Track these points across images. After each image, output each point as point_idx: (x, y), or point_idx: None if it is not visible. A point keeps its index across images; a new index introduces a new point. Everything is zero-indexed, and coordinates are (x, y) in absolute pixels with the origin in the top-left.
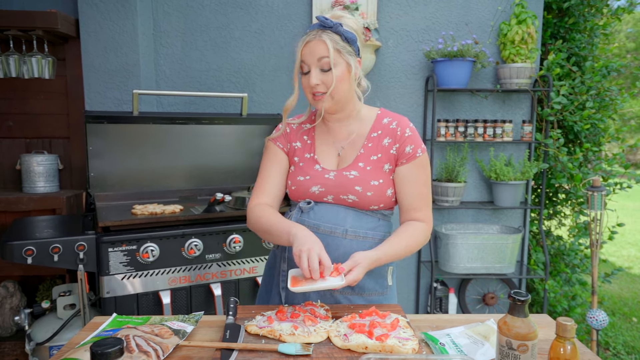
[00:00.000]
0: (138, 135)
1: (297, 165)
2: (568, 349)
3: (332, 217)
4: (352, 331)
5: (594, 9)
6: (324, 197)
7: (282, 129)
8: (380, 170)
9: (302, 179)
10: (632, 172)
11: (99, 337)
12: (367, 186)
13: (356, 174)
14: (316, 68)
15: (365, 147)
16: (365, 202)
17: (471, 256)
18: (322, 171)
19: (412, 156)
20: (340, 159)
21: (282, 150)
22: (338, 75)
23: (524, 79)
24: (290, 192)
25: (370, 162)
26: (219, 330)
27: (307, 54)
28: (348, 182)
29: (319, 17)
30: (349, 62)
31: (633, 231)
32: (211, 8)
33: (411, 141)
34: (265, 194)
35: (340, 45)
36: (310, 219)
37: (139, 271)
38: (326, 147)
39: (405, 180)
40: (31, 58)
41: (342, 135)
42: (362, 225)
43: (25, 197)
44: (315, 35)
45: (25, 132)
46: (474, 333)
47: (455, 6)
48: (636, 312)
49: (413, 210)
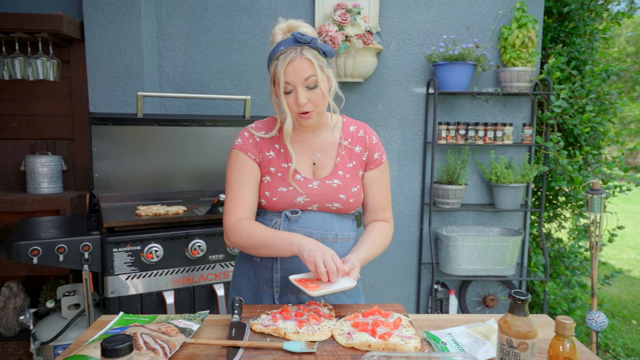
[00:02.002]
0: (142, 137)
1: (275, 175)
2: (567, 347)
3: (321, 223)
4: (356, 330)
5: (594, 13)
6: (309, 207)
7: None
8: (356, 176)
9: (284, 189)
10: (632, 175)
11: (107, 335)
12: (349, 193)
13: (339, 182)
14: (302, 87)
15: (340, 156)
16: (348, 207)
17: (472, 258)
18: (305, 181)
19: (379, 162)
20: (316, 167)
21: (255, 161)
22: (324, 91)
23: (524, 82)
24: (270, 204)
25: (347, 169)
26: (224, 329)
27: (292, 73)
28: (332, 190)
29: (295, 34)
30: (329, 76)
31: (632, 234)
32: (215, 11)
33: (378, 148)
34: (243, 208)
35: (321, 60)
36: (300, 227)
37: (143, 271)
38: (300, 156)
39: (373, 184)
40: (36, 60)
41: (315, 144)
42: (345, 227)
43: (29, 198)
44: (297, 53)
45: (30, 134)
46: (474, 332)
47: (457, 10)
48: (636, 314)
49: (379, 210)
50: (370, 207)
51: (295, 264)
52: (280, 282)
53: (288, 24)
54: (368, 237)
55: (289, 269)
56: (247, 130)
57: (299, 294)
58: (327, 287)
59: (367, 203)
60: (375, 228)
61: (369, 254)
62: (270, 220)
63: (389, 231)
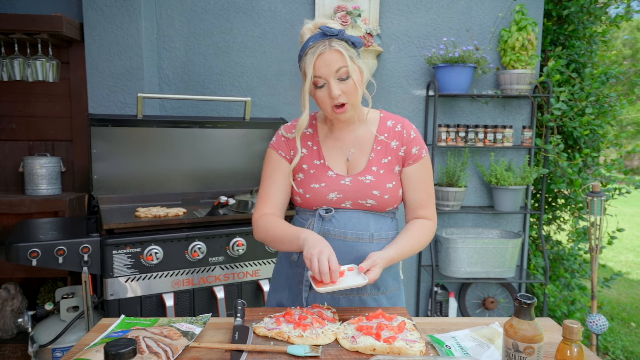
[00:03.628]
0: (142, 139)
1: (307, 172)
2: (575, 352)
3: (356, 223)
4: (360, 333)
5: (593, 16)
6: (342, 203)
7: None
8: (392, 172)
9: (317, 186)
10: (631, 177)
11: (109, 339)
12: (383, 189)
13: (372, 178)
14: (334, 79)
15: (375, 151)
16: (383, 204)
17: (471, 260)
18: (337, 177)
19: (418, 157)
20: (350, 163)
21: (285, 159)
22: (357, 82)
23: (524, 85)
24: (304, 201)
25: (382, 165)
26: (226, 332)
27: (322, 66)
28: (365, 187)
29: (323, 27)
30: (360, 67)
31: (631, 236)
32: (214, 13)
33: (416, 142)
34: (269, 204)
35: (350, 51)
36: (334, 226)
37: (143, 274)
38: (334, 152)
39: (412, 180)
40: (35, 61)
41: (350, 140)
42: (382, 227)
43: (27, 200)
44: (326, 45)
45: (28, 135)
46: (479, 336)
47: (456, 12)
48: (635, 317)
49: (420, 207)
50: (410, 204)
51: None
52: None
53: (314, 23)
54: (402, 235)
55: None
56: (281, 128)
57: (334, 294)
58: (334, 285)
59: (406, 200)
60: (412, 226)
61: (401, 252)
62: (306, 219)
63: (428, 229)
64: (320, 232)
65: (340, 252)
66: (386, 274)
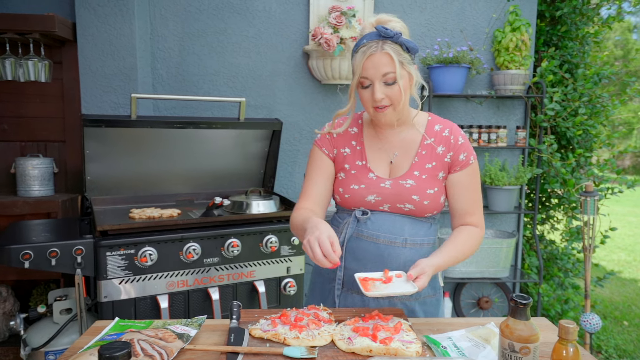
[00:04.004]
0: (135, 139)
1: (349, 172)
2: (570, 352)
3: (390, 226)
4: (356, 334)
5: (586, 17)
6: (380, 206)
7: (327, 128)
8: (435, 178)
9: (356, 187)
10: (623, 177)
11: (103, 341)
12: (423, 195)
13: (412, 182)
14: (380, 82)
15: (419, 155)
16: (422, 210)
17: (466, 260)
18: (377, 180)
19: (466, 163)
20: (393, 166)
21: (328, 157)
22: (403, 88)
23: (518, 85)
24: (343, 200)
25: (425, 170)
26: (222, 334)
27: (370, 67)
28: (405, 191)
29: (378, 27)
30: (410, 72)
31: (622, 235)
32: (209, 13)
33: (464, 149)
34: (307, 200)
35: (403, 56)
36: (368, 229)
37: (137, 275)
38: (377, 154)
39: (458, 187)
40: (27, 61)
41: (395, 142)
42: (418, 232)
43: (20, 201)
44: (377, 47)
45: (21, 136)
46: (474, 336)
47: (451, 13)
48: (627, 315)
49: (466, 215)
50: (456, 211)
51: (361, 263)
52: (343, 280)
53: (378, 18)
54: (450, 242)
55: (352, 268)
56: (326, 125)
57: (364, 295)
58: (384, 289)
59: (453, 207)
60: (460, 233)
61: (448, 259)
62: (342, 219)
63: (476, 236)
64: (354, 234)
65: (372, 254)
66: None
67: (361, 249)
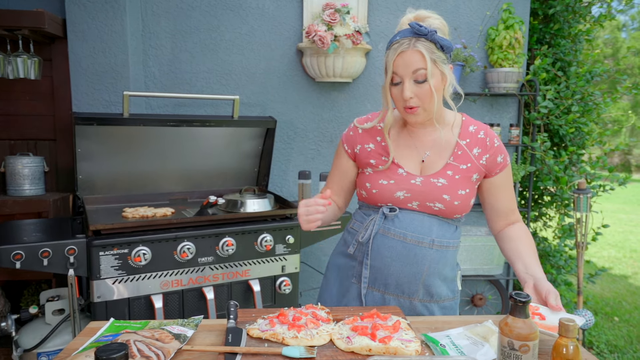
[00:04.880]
0: (128, 138)
1: (376, 168)
2: (570, 349)
3: (418, 226)
4: (355, 333)
5: (578, 15)
6: (409, 203)
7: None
8: (468, 179)
9: (385, 182)
10: (616, 174)
11: (98, 343)
12: (455, 195)
13: (444, 182)
14: (410, 80)
15: (455, 155)
16: (451, 210)
17: (460, 258)
18: (408, 176)
19: (504, 165)
20: (425, 165)
21: (347, 153)
22: (434, 87)
23: (511, 83)
24: (370, 196)
25: (459, 170)
26: (219, 334)
27: (401, 65)
28: (436, 189)
29: (412, 24)
30: (444, 71)
31: (612, 232)
32: (201, 10)
33: (501, 150)
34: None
35: (436, 54)
36: (395, 226)
37: (131, 275)
38: (408, 151)
39: (501, 188)
40: (16, 58)
41: (428, 141)
42: (445, 234)
43: (10, 200)
44: (409, 44)
45: (10, 134)
46: (472, 334)
47: (444, 11)
48: (618, 311)
49: (511, 212)
50: (500, 211)
51: (386, 262)
52: (368, 278)
53: (417, 14)
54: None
55: (378, 267)
56: (355, 120)
57: (385, 294)
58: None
59: (496, 207)
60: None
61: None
62: (368, 215)
63: (529, 232)
64: (380, 232)
65: (398, 253)
66: (442, 283)
67: (387, 247)
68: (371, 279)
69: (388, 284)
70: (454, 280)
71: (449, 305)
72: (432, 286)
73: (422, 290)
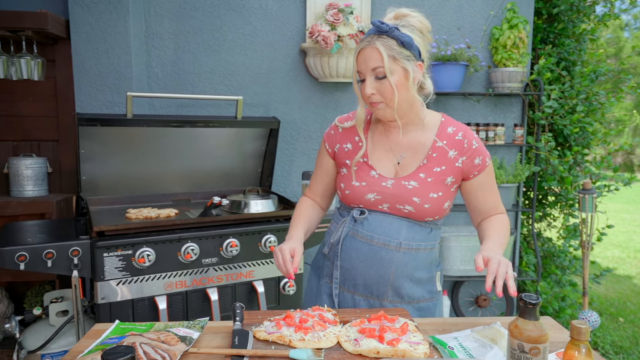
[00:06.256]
0: (131, 138)
1: (350, 168)
2: (583, 352)
3: (386, 228)
4: (363, 336)
5: (582, 14)
6: (379, 205)
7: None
8: (441, 182)
9: (357, 184)
10: (620, 174)
11: (104, 345)
12: (425, 198)
13: (415, 184)
14: (371, 77)
15: (429, 158)
16: (422, 214)
17: (464, 258)
18: (379, 178)
19: (483, 167)
20: (400, 167)
21: (327, 152)
22: (394, 83)
23: (515, 82)
24: (343, 197)
25: (432, 173)
26: (225, 337)
27: (362, 62)
28: (406, 192)
29: (374, 22)
30: (406, 67)
31: (616, 232)
32: (204, 10)
33: (479, 152)
34: (311, 190)
35: (396, 51)
36: (364, 229)
37: (135, 276)
38: (383, 153)
39: (480, 190)
40: (20, 59)
41: (403, 143)
42: (415, 237)
43: (13, 201)
44: (370, 41)
45: (13, 135)
46: (481, 336)
47: (448, 10)
48: (622, 312)
49: (493, 209)
50: (483, 210)
51: (353, 264)
52: (339, 279)
53: (397, 12)
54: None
55: (347, 268)
56: (336, 119)
57: (355, 294)
58: None
59: (477, 207)
60: (493, 222)
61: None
62: (343, 216)
63: (506, 222)
64: (350, 234)
65: (365, 255)
66: (415, 285)
67: (354, 249)
68: (342, 280)
69: (357, 285)
70: (431, 281)
71: (425, 306)
72: (401, 288)
73: (391, 291)
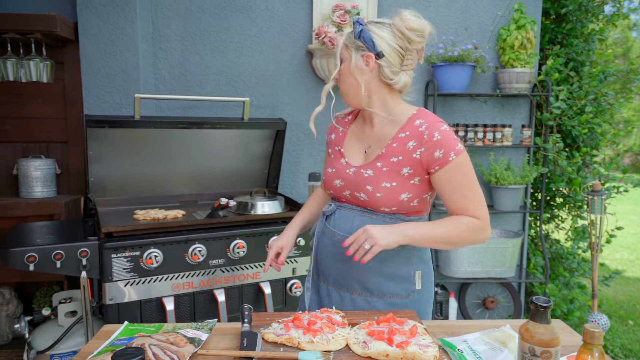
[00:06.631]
0: (139, 140)
1: (329, 156)
2: (596, 356)
3: (347, 224)
4: (372, 338)
5: (590, 14)
6: (343, 192)
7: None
8: (396, 173)
9: (330, 170)
10: (630, 176)
11: (113, 347)
12: (377, 187)
13: (371, 173)
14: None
15: (388, 148)
16: (374, 203)
17: (471, 260)
18: (345, 166)
19: (445, 161)
20: (366, 156)
21: (327, 142)
22: (342, 69)
23: (523, 83)
24: (324, 184)
25: (388, 163)
26: (233, 338)
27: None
28: (362, 180)
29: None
30: (356, 58)
31: (625, 234)
32: (211, 12)
33: (440, 145)
34: (322, 181)
35: (350, 40)
36: (330, 225)
37: (143, 277)
38: (356, 143)
39: (444, 186)
40: (29, 61)
41: (371, 134)
42: None
43: (22, 203)
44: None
45: (22, 137)
46: (490, 339)
47: (455, 11)
48: (632, 314)
49: (464, 210)
50: (451, 209)
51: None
52: (317, 272)
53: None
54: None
55: (320, 261)
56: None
57: (329, 286)
58: None
59: (447, 207)
60: (448, 218)
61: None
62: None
63: (467, 224)
64: (322, 229)
65: (329, 250)
66: (386, 281)
67: (323, 244)
68: (318, 272)
69: (328, 277)
70: (409, 279)
71: (399, 302)
72: (367, 282)
73: (358, 285)
